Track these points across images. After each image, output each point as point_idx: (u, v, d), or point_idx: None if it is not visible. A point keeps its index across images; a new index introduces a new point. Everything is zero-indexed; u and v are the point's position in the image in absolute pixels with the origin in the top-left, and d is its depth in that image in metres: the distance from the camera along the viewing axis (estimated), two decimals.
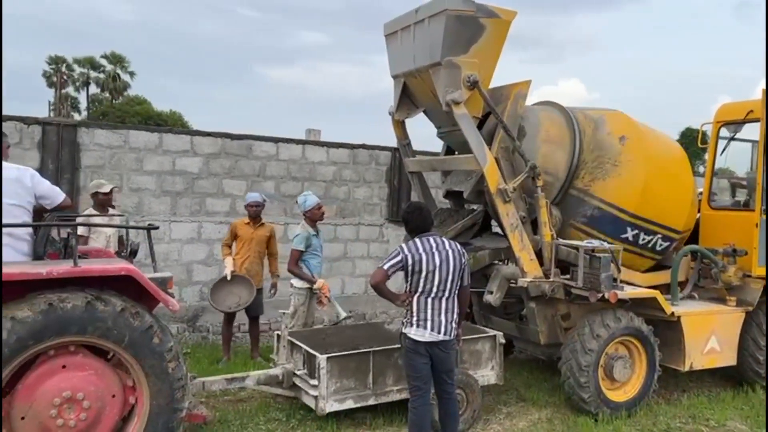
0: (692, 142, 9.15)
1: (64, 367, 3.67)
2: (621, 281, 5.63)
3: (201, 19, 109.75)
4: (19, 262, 3.98)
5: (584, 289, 5.43)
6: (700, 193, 7.03)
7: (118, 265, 3.88)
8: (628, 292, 5.60)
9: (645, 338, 5.78)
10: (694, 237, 6.89)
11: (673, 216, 6.30)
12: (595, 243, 5.54)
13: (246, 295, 6.61)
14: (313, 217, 6.34)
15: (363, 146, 9.46)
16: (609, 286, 5.33)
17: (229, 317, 6.88)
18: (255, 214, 6.85)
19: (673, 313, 5.89)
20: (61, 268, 3.67)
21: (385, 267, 4.38)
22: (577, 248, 5.53)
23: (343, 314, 6.21)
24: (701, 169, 16.05)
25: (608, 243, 5.59)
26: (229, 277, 6.61)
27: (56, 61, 50.05)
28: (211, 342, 7.76)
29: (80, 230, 5.56)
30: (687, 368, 6.03)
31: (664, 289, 6.26)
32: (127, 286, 3.83)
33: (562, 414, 5.71)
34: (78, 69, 51.41)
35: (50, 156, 7.30)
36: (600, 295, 5.33)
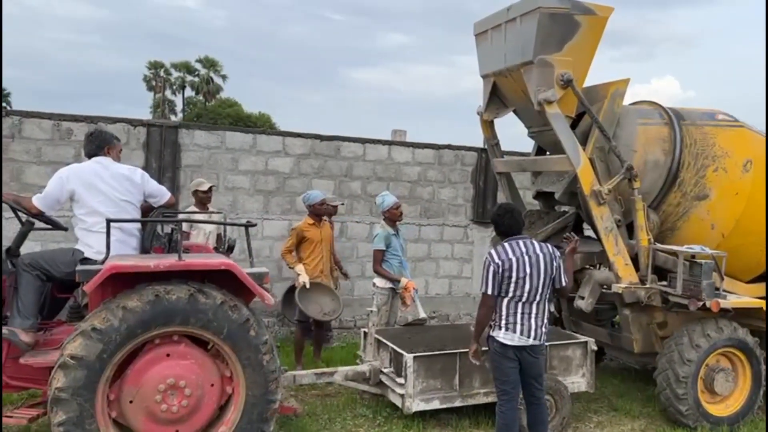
0: None
1: (168, 355, 3.86)
2: (723, 290, 5.34)
3: (288, 23, 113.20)
4: (129, 255, 4.25)
5: (683, 297, 5.18)
6: None
7: (218, 260, 4.05)
8: (731, 301, 5.31)
9: (750, 350, 5.46)
10: None
11: (741, 270, 6.04)
12: (696, 248, 5.27)
13: (331, 304, 6.39)
14: (392, 216, 6.29)
15: (448, 147, 9.42)
16: (710, 295, 5.07)
17: (306, 326, 6.59)
18: (328, 212, 6.70)
19: None
20: (167, 261, 3.86)
21: (489, 291, 4.28)
22: (676, 254, 5.29)
23: (422, 314, 6.18)
24: None
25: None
26: (308, 285, 6.30)
27: (155, 66, 53.02)
28: None
29: (183, 226, 5.82)
30: None
31: None
32: (226, 280, 3.99)
33: (656, 426, 5.48)
34: (175, 73, 54.23)
35: (153, 156, 7.72)
36: (701, 303, 5.08)
